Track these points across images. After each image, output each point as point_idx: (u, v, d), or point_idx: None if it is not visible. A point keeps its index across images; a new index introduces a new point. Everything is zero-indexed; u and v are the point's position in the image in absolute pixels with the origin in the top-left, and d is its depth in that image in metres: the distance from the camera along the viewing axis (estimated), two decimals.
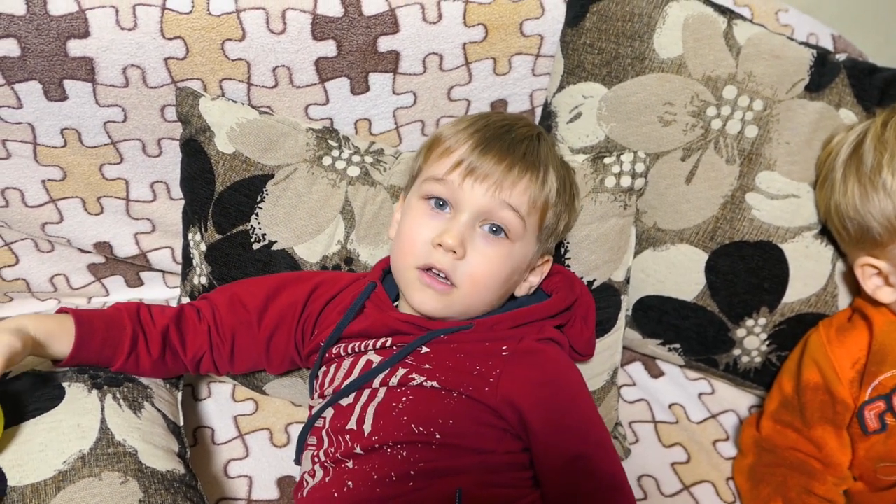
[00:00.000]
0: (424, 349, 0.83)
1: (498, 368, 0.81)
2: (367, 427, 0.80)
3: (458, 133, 0.86)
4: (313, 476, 0.83)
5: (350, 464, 0.80)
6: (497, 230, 0.83)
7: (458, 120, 0.90)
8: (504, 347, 0.83)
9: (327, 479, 0.81)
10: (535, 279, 0.91)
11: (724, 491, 1.03)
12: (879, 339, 0.96)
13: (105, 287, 1.18)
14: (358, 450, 0.79)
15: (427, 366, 0.81)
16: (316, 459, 0.83)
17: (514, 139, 0.85)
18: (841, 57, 1.06)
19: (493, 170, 0.82)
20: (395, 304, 0.90)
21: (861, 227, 0.96)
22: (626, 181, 0.98)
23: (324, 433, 0.83)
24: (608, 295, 1.00)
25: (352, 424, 0.81)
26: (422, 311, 0.84)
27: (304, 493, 0.82)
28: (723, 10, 1.02)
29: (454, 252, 0.81)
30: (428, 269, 0.83)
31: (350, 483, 0.78)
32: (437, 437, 0.78)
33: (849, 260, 1.04)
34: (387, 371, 0.82)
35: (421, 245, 0.83)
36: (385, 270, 0.93)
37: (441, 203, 0.84)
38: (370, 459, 0.79)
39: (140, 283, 1.19)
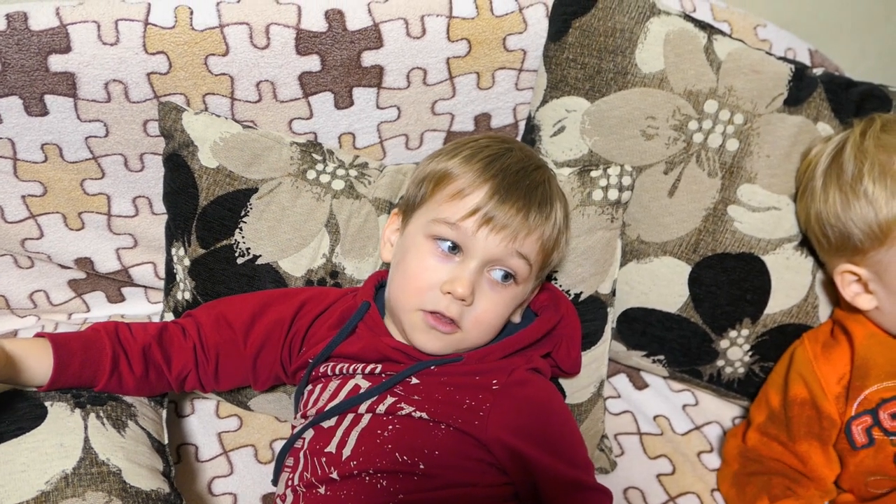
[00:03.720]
0: (414, 380, 0.82)
1: (488, 402, 0.81)
2: (347, 451, 0.79)
3: (473, 174, 0.83)
4: (284, 500, 0.82)
5: (323, 490, 0.78)
6: (506, 277, 0.83)
7: (468, 155, 0.85)
8: (494, 381, 0.82)
9: None
10: (524, 305, 0.91)
11: (708, 502, 1.03)
12: (861, 353, 0.97)
13: (86, 303, 1.16)
14: (334, 475, 0.78)
15: (416, 396, 0.81)
16: (289, 483, 0.82)
17: (530, 185, 0.83)
18: (818, 71, 1.07)
19: (510, 220, 0.80)
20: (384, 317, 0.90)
21: (842, 234, 0.98)
22: (613, 194, 0.98)
23: (301, 455, 0.82)
24: (595, 307, 1.01)
25: (331, 448, 0.80)
26: (425, 350, 0.83)
27: None
28: (703, 26, 1.04)
29: (463, 300, 0.80)
30: (433, 312, 0.81)
31: None
32: (421, 467, 0.77)
33: (828, 269, 1.05)
34: (374, 398, 0.81)
35: (428, 289, 0.81)
36: (376, 287, 0.92)
37: (452, 247, 0.82)
38: (345, 486, 0.77)
39: (122, 298, 1.18)
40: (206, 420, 1.04)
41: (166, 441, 0.91)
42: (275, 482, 0.89)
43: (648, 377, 1.20)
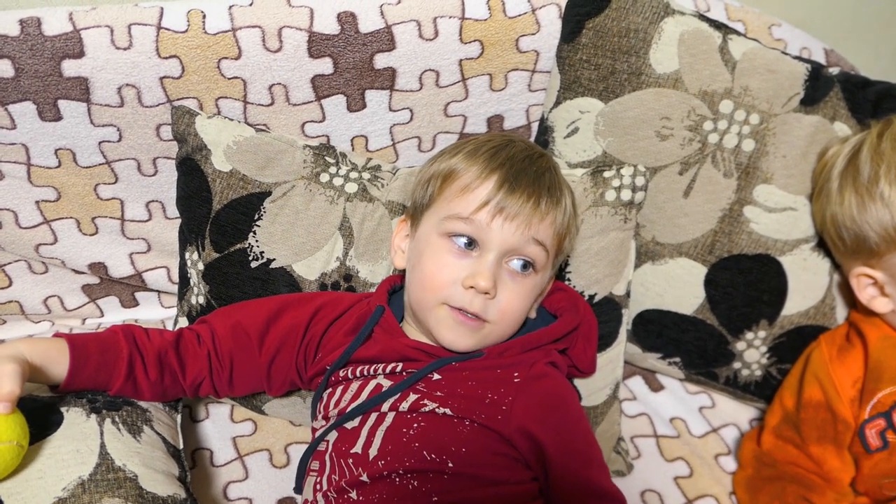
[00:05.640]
0: (436, 376, 0.82)
1: (510, 396, 0.80)
2: (374, 451, 0.78)
3: (478, 167, 0.83)
4: None
5: (354, 494, 0.77)
6: (525, 266, 0.83)
7: (472, 150, 0.86)
8: (515, 374, 0.82)
9: None
10: (541, 298, 0.91)
11: None
12: (874, 355, 0.96)
13: (100, 308, 1.16)
14: (364, 477, 0.77)
15: (438, 393, 0.80)
16: (318, 487, 0.81)
17: (538, 172, 0.84)
18: (834, 71, 1.06)
19: (522, 208, 0.81)
20: (400, 322, 0.89)
21: (857, 236, 0.97)
22: (626, 195, 0.98)
23: (327, 457, 0.82)
24: (609, 309, 1.00)
25: (357, 448, 0.79)
26: (455, 349, 0.83)
27: None
28: (718, 26, 1.03)
29: (486, 293, 0.80)
30: (458, 308, 0.81)
31: None
32: (450, 465, 0.77)
33: (843, 271, 1.04)
34: (397, 396, 0.81)
35: (449, 285, 0.81)
36: (389, 292, 0.92)
37: (468, 242, 0.82)
38: (377, 489, 0.76)
39: (135, 303, 1.18)
40: (220, 425, 1.03)
41: (181, 446, 0.91)
42: (297, 489, 0.88)
43: (664, 379, 1.19)
